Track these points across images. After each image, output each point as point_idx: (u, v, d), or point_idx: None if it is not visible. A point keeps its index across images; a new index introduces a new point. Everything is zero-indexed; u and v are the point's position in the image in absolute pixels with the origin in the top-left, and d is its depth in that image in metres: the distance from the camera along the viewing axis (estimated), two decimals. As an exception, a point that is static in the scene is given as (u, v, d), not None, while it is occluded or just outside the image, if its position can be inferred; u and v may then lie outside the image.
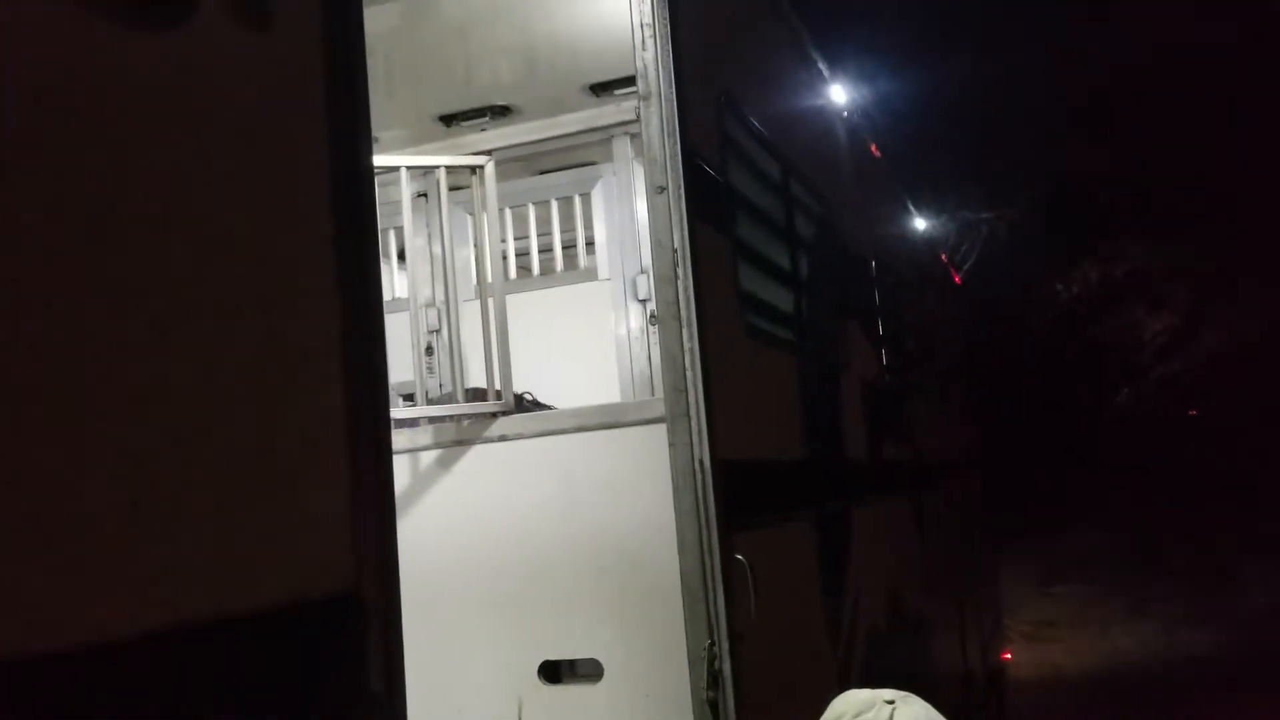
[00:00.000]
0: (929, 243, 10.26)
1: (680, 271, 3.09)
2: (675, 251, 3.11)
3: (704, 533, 3.06)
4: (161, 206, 1.21)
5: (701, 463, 3.09)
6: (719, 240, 3.38)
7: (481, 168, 3.85)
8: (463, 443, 3.61)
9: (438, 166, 3.88)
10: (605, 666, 3.37)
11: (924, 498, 6.71)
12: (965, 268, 14.74)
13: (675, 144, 3.10)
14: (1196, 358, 14.22)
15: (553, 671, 3.46)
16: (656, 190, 3.13)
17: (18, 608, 0.99)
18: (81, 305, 1.11)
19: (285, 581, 1.35)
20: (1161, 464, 15.91)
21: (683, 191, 3.09)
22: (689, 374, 3.12)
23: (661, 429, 3.24)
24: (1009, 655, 11.44)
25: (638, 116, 3.19)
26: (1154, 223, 15.27)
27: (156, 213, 1.19)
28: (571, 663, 3.45)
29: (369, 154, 1.52)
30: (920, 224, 9.03)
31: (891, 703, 1.99)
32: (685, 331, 3.07)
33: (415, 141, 4.56)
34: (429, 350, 4.48)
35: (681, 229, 3.09)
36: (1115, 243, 15.66)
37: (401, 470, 3.69)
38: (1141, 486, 16.37)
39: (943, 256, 11.52)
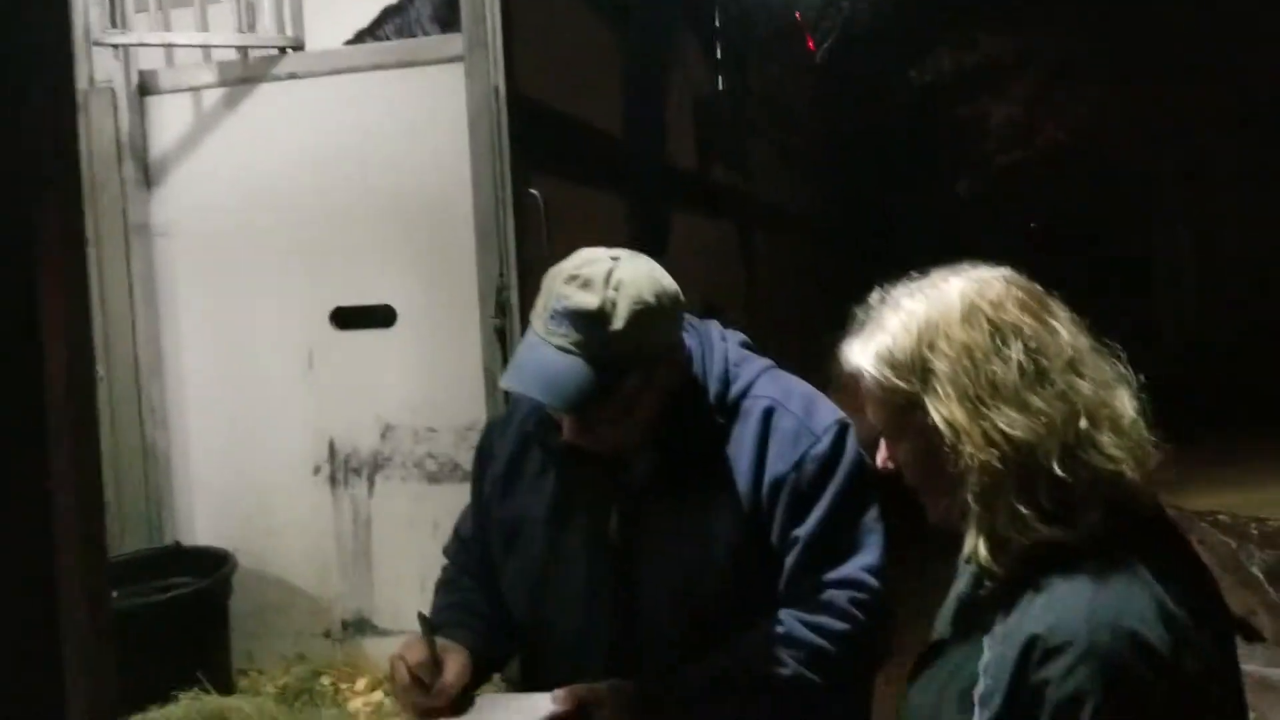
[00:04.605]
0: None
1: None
2: None
3: (497, 164, 2.99)
4: None
5: (497, 90, 2.98)
6: None
7: None
8: (249, 80, 3.39)
9: None
10: (398, 311, 3.32)
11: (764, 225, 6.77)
12: (825, 45, 14.59)
13: None
14: (1037, 148, 14.61)
15: (345, 318, 3.39)
16: None
17: None
18: None
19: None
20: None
21: None
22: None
23: (461, 69, 3.11)
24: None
25: None
26: (1009, 11, 15.35)
27: None
28: (364, 308, 3.38)
29: None
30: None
31: (616, 259, 1.88)
32: (484, -50, 2.90)
33: None
34: None
35: None
36: (968, 30, 15.70)
37: (183, 109, 3.46)
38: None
39: (797, 15, 11.33)
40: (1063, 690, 1.20)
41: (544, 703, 1.80)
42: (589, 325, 1.79)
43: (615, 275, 1.82)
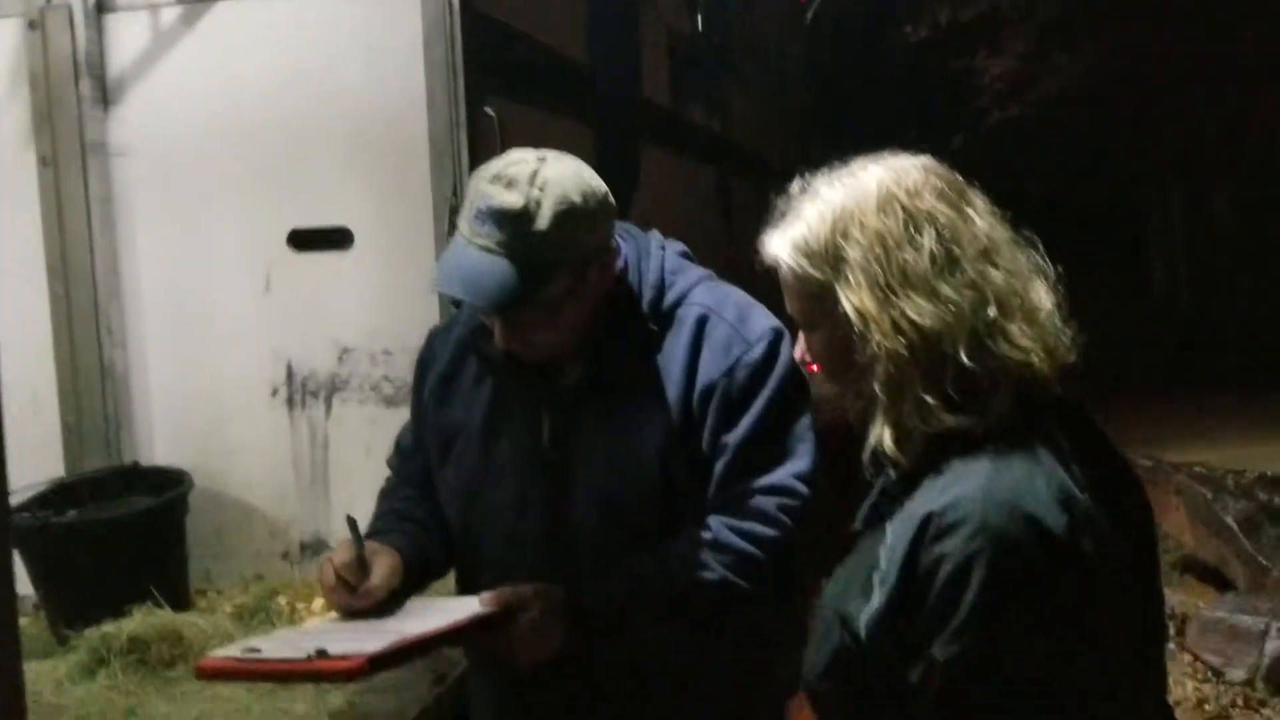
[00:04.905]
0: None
1: None
2: None
3: (452, 81, 2.98)
4: None
5: (450, 4, 2.96)
6: None
7: None
8: (206, -2, 3.37)
9: None
10: (355, 233, 3.32)
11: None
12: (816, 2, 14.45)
13: None
14: (1033, 104, 14.49)
15: (302, 239, 3.38)
16: None
17: None
18: None
19: None
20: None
21: None
22: (444, -87, 2.95)
23: (423, -13, 3.09)
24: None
25: None
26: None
27: None
28: (321, 230, 3.37)
29: None
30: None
31: (543, 159, 1.86)
32: None
33: None
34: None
35: None
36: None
37: (141, 27, 3.42)
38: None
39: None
40: (952, 566, 1.20)
41: (471, 604, 1.81)
42: (512, 225, 1.77)
43: (541, 175, 1.81)
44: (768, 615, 1.90)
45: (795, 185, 1.52)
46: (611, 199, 1.88)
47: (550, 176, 1.80)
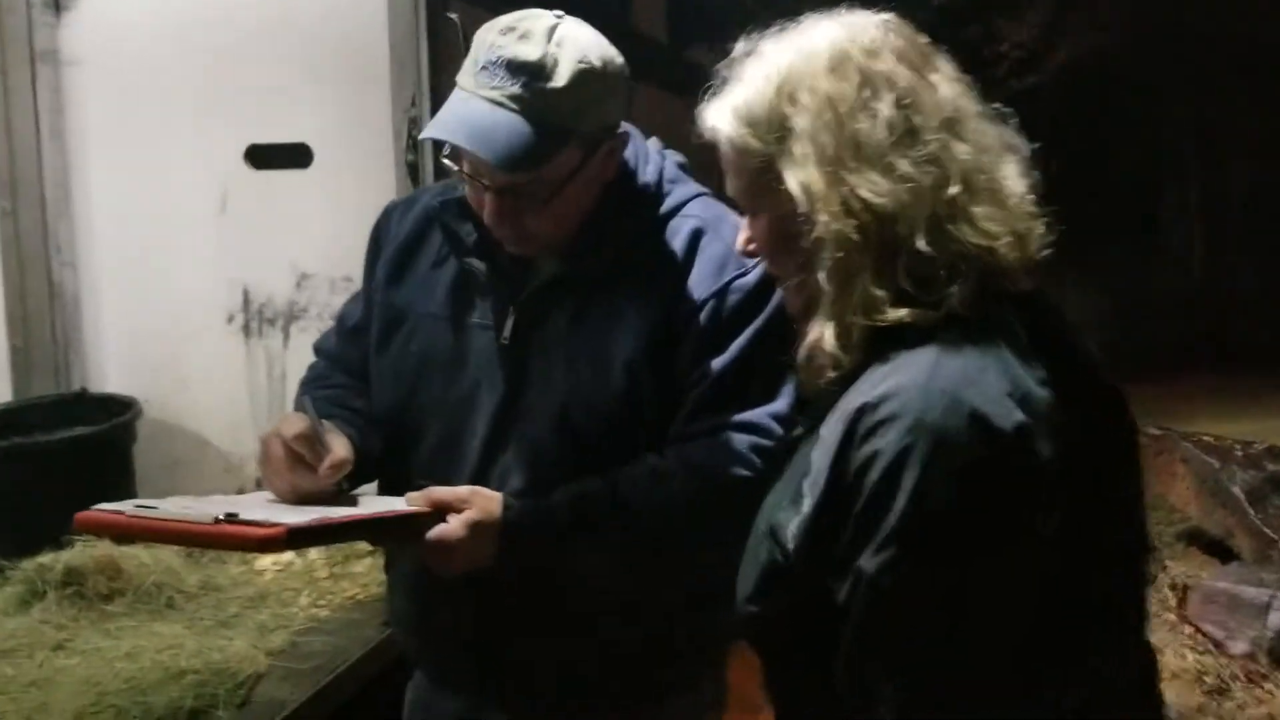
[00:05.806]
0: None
1: None
2: None
3: (414, -16, 2.80)
4: None
5: (413, -98, 2.78)
6: None
7: None
8: (162, -104, 3.18)
9: None
10: (315, 151, 3.14)
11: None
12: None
13: None
14: (1049, 73, 14.20)
15: (260, 156, 3.21)
16: None
17: None
18: None
19: None
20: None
21: None
22: None
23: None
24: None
25: None
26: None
27: None
28: (280, 146, 3.20)
29: None
30: None
31: (560, 16, 1.68)
32: None
33: None
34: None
35: None
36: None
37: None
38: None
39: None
40: (883, 465, 1.02)
41: (399, 504, 1.66)
42: (527, 78, 1.59)
43: (559, 32, 1.63)
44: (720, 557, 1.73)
45: (740, 47, 1.34)
46: (628, 75, 1.70)
47: (569, 35, 1.63)
